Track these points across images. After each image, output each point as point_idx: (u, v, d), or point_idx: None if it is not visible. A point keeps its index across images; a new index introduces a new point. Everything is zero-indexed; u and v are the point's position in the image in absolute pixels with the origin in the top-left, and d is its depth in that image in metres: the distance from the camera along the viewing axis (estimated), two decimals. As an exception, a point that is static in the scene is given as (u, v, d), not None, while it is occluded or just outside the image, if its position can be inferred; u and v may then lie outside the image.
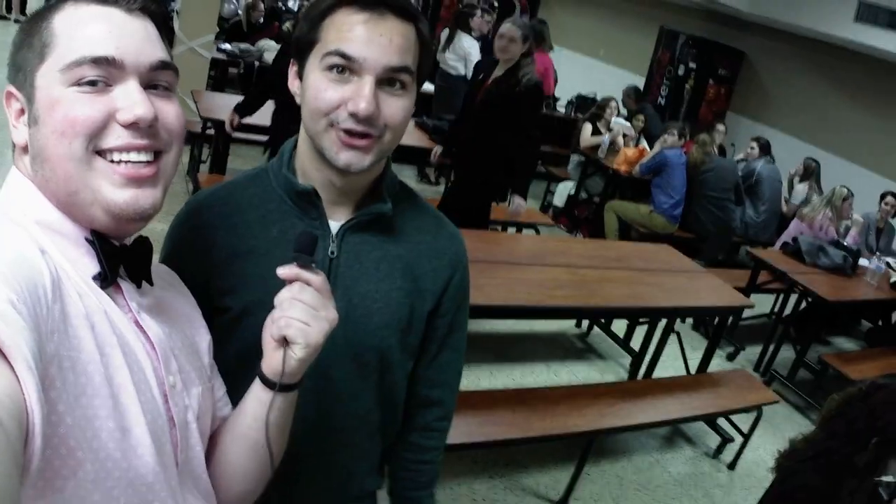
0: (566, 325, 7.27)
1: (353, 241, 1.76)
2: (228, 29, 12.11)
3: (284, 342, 1.39)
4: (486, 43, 11.47)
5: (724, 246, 9.53)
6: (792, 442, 2.78)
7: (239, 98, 6.85)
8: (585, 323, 7.26)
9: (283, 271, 1.40)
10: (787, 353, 7.22)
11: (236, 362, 1.64)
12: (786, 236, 8.36)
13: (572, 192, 10.47)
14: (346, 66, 1.54)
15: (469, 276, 1.96)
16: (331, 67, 1.55)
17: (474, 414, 4.25)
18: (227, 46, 11.11)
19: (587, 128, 10.23)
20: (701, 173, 9.19)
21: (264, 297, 1.45)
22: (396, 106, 1.59)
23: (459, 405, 4.14)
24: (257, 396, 1.46)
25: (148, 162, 1.25)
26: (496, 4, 19.38)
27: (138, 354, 1.23)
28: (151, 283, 1.35)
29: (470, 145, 6.11)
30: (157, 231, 1.45)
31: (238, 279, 1.72)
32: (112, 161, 1.22)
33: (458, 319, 1.96)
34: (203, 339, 1.52)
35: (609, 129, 10.18)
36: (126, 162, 1.22)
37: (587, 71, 15.84)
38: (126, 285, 1.29)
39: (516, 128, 5.72)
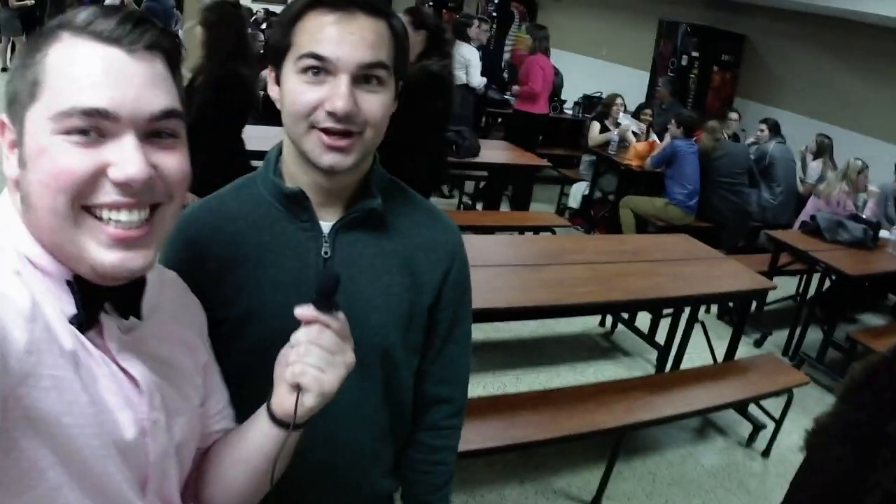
0: (590, 325, 7.21)
1: (346, 240, 1.74)
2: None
3: (298, 387, 1.37)
4: (485, 52, 11.48)
5: (742, 231, 9.44)
6: (817, 420, 2.71)
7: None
8: (609, 321, 7.20)
9: (302, 312, 1.38)
10: (815, 335, 7.11)
11: (236, 371, 1.62)
12: (804, 216, 8.30)
13: (586, 192, 10.43)
14: (320, 67, 1.54)
15: (468, 268, 1.94)
16: (306, 70, 1.55)
17: (500, 418, 4.21)
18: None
19: (595, 126, 10.25)
20: (713, 160, 9.09)
21: (260, 305, 1.47)
22: (375, 101, 1.58)
23: (485, 410, 4.20)
24: (263, 431, 1.44)
25: (141, 222, 1.18)
26: (494, 14, 19.53)
27: (112, 395, 1.19)
28: (140, 318, 1.29)
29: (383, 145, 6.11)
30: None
31: (233, 289, 1.70)
32: (100, 218, 1.14)
33: (460, 313, 1.93)
34: (200, 359, 1.48)
35: (616, 126, 10.15)
36: (116, 221, 1.15)
37: (591, 71, 15.80)
38: (108, 321, 1.23)
39: (416, 119, 5.72)
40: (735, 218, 9.18)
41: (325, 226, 1.73)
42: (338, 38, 1.53)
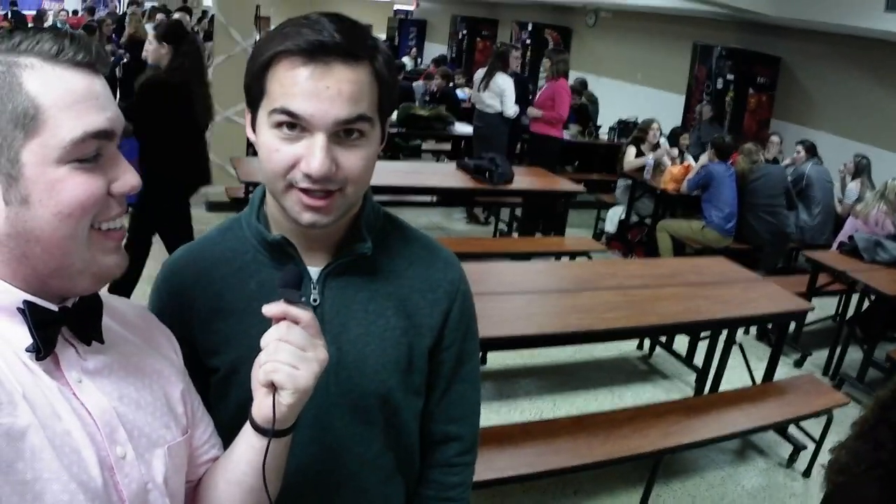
0: (627, 349, 7.17)
1: (335, 286, 1.69)
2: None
3: (273, 387, 1.34)
4: (519, 79, 11.51)
5: (781, 253, 9.36)
6: (836, 457, 2.66)
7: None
8: (647, 344, 7.15)
9: (269, 309, 1.35)
10: (855, 355, 7.04)
11: (233, 418, 1.57)
12: (842, 236, 8.21)
13: (623, 216, 10.38)
14: (294, 123, 1.45)
15: (472, 302, 1.88)
16: (279, 125, 1.46)
17: (535, 445, 4.20)
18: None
19: (631, 151, 10.21)
20: (750, 182, 9.01)
21: (249, 354, 1.40)
22: (355, 157, 1.49)
23: (520, 437, 4.19)
24: (250, 443, 1.41)
25: (122, 227, 1.25)
26: (528, 42, 19.59)
27: (73, 432, 1.16)
28: (102, 342, 1.28)
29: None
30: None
31: (220, 338, 1.68)
32: (100, 230, 1.19)
33: (465, 350, 1.86)
34: (175, 388, 1.44)
35: (653, 150, 10.12)
36: (114, 228, 1.22)
37: (627, 96, 15.84)
38: (66, 353, 1.22)
39: (159, 125, 5.85)
40: (773, 239, 9.08)
41: (314, 271, 1.68)
42: (311, 92, 1.43)
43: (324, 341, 1.39)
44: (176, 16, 11.54)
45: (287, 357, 1.32)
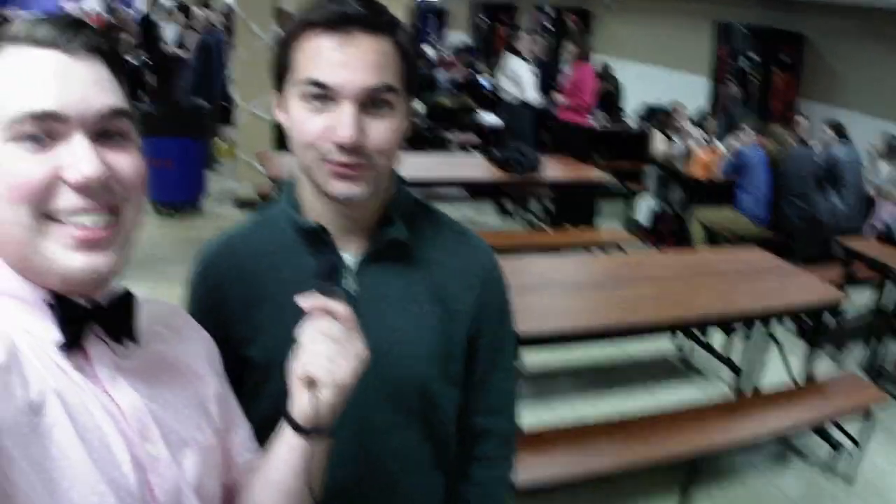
0: (664, 346, 7.10)
1: (371, 274, 1.69)
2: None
3: (311, 383, 1.31)
4: (542, 65, 11.42)
5: (815, 240, 9.14)
6: None
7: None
8: (685, 342, 7.07)
9: (305, 301, 1.33)
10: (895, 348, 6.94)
11: (269, 411, 1.52)
12: (875, 220, 8.11)
13: (654, 206, 10.31)
14: (322, 94, 1.48)
15: (506, 289, 1.88)
16: (307, 96, 1.50)
17: (571, 448, 4.18)
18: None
19: (658, 136, 10.10)
20: (779, 167, 8.90)
21: (284, 342, 1.37)
22: (383, 128, 1.52)
23: (557, 440, 4.14)
24: (288, 443, 1.37)
25: (106, 225, 1.15)
26: (549, 26, 19.49)
27: (104, 429, 1.14)
28: (135, 341, 1.26)
29: None
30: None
31: (255, 327, 1.69)
32: (63, 223, 1.12)
33: (501, 339, 1.87)
34: (210, 389, 1.42)
35: (679, 135, 10.01)
36: (79, 224, 1.13)
37: (650, 79, 15.67)
38: (98, 350, 1.20)
39: None
40: (806, 226, 8.94)
41: (348, 258, 1.69)
42: (338, 62, 1.47)
43: (362, 336, 1.36)
44: (198, 12, 11.55)
45: (325, 350, 1.30)
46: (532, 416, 5.36)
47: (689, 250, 8.31)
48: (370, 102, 1.49)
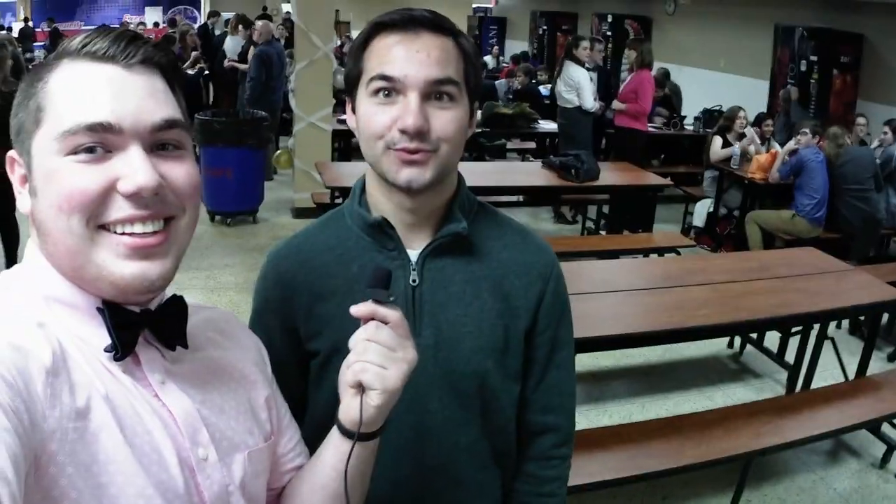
0: (718, 347, 7.06)
1: (434, 267, 1.75)
2: (345, 100, 12.32)
3: (361, 388, 1.33)
4: (602, 73, 11.40)
5: (873, 240, 9.09)
6: None
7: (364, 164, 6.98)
8: (738, 342, 7.04)
9: (357, 309, 1.36)
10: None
11: (327, 403, 1.60)
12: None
13: (711, 209, 10.23)
14: (390, 88, 1.58)
15: (565, 288, 1.91)
16: (377, 92, 1.59)
17: (624, 448, 4.17)
18: (346, 116, 11.27)
19: (717, 141, 10.05)
20: (837, 167, 8.79)
21: (348, 336, 1.40)
22: (446, 117, 1.60)
23: (608, 441, 4.15)
24: (336, 446, 1.40)
25: (156, 231, 1.17)
26: (609, 34, 19.46)
27: (154, 433, 1.16)
28: (186, 346, 1.28)
29: None
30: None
31: (322, 321, 1.74)
32: (115, 232, 1.14)
33: (559, 336, 1.89)
34: (260, 394, 1.44)
35: (739, 139, 9.95)
36: (131, 233, 1.15)
37: (710, 85, 15.59)
38: (148, 354, 1.22)
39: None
40: (864, 226, 8.84)
41: (413, 253, 1.74)
42: (404, 57, 1.57)
43: (413, 342, 1.38)
44: (258, 23, 11.66)
45: (375, 357, 1.32)
46: (584, 418, 5.37)
47: (745, 252, 8.23)
48: (434, 94, 1.59)
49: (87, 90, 1.12)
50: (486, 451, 1.85)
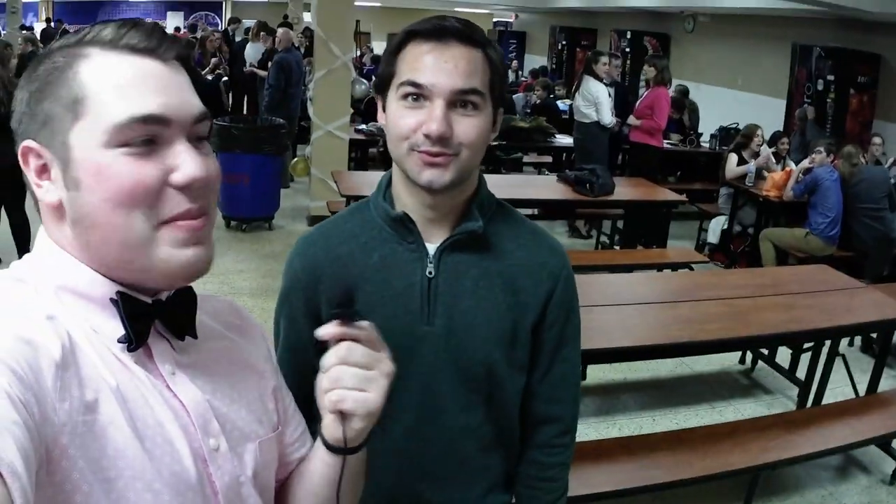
0: (729, 363, 7.06)
1: (450, 261, 1.85)
2: (363, 109, 12.39)
3: (341, 415, 1.30)
4: (620, 89, 11.41)
5: (887, 259, 9.03)
6: None
7: (380, 173, 7.01)
8: (749, 358, 7.03)
9: (325, 331, 1.30)
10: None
11: None
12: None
13: (725, 226, 10.23)
14: (418, 94, 1.68)
15: (575, 289, 2.00)
16: (405, 96, 1.69)
17: (631, 460, 4.18)
18: (363, 126, 11.36)
19: (732, 158, 10.05)
20: (852, 186, 8.80)
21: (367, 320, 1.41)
22: (469, 124, 1.70)
23: (616, 452, 4.17)
24: (323, 459, 1.39)
25: (202, 218, 1.18)
26: (627, 50, 19.48)
27: (166, 424, 1.15)
28: (195, 337, 1.28)
29: None
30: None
31: None
32: (169, 223, 1.14)
33: (566, 332, 1.98)
34: (268, 384, 1.44)
35: (754, 158, 9.95)
36: (183, 222, 1.15)
37: (727, 102, 15.61)
38: (159, 345, 1.22)
39: None
40: (878, 245, 8.83)
41: (431, 248, 1.84)
42: (434, 66, 1.66)
43: (388, 352, 1.34)
44: (280, 31, 11.69)
45: (352, 381, 1.27)
46: (594, 431, 5.39)
47: (757, 269, 8.25)
48: (459, 102, 1.69)
49: (134, 82, 1.12)
50: (491, 435, 1.96)
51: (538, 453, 2.04)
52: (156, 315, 1.21)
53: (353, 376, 1.28)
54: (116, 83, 1.12)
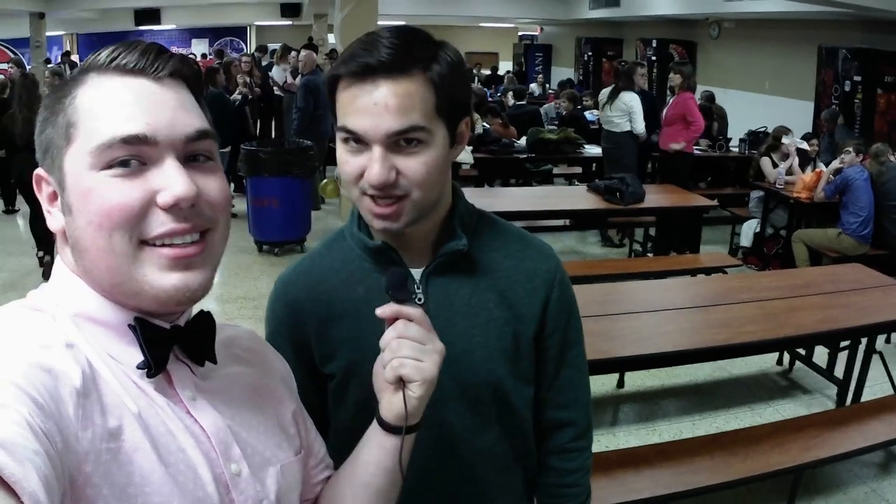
0: (767, 364, 7.04)
1: (438, 284, 1.78)
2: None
3: (401, 383, 1.39)
4: (646, 97, 11.42)
5: (918, 256, 9.02)
6: None
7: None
8: (787, 359, 7.02)
9: (383, 310, 1.41)
10: None
11: (352, 419, 1.70)
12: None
13: (757, 229, 10.22)
14: (356, 139, 1.57)
15: (571, 289, 1.95)
16: (346, 140, 1.59)
17: (670, 465, 4.18)
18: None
19: (766, 162, 10.01)
20: (881, 185, 8.77)
21: (362, 356, 1.51)
22: (416, 164, 1.57)
23: (655, 458, 4.16)
24: (379, 445, 1.44)
25: (194, 242, 1.17)
26: (654, 58, 19.48)
27: (188, 450, 1.16)
28: (215, 362, 1.29)
29: None
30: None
31: (334, 345, 1.79)
32: (156, 245, 1.13)
33: (568, 337, 1.94)
34: (287, 409, 1.46)
35: (783, 160, 9.93)
36: (171, 245, 1.14)
37: (755, 107, 15.56)
38: (179, 371, 1.23)
39: None
40: (908, 242, 8.81)
41: (417, 272, 1.78)
42: (363, 110, 1.54)
43: (436, 334, 1.44)
44: (302, 53, 11.75)
45: (410, 352, 1.37)
46: (634, 437, 5.39)
47: (790, 270, 8.20)
48: (402, 142, 1.55)
49: (119, 103, 1.12)
50: (506, 453, 1.92)
51: (555, 460, 2.02)
52: (175, 341, 1.21)
53: (411, 347, 1.38)
54: (104, 105, 1.13)
